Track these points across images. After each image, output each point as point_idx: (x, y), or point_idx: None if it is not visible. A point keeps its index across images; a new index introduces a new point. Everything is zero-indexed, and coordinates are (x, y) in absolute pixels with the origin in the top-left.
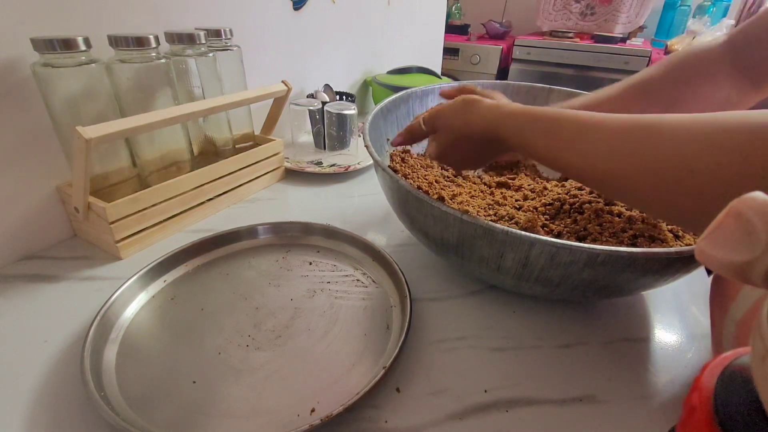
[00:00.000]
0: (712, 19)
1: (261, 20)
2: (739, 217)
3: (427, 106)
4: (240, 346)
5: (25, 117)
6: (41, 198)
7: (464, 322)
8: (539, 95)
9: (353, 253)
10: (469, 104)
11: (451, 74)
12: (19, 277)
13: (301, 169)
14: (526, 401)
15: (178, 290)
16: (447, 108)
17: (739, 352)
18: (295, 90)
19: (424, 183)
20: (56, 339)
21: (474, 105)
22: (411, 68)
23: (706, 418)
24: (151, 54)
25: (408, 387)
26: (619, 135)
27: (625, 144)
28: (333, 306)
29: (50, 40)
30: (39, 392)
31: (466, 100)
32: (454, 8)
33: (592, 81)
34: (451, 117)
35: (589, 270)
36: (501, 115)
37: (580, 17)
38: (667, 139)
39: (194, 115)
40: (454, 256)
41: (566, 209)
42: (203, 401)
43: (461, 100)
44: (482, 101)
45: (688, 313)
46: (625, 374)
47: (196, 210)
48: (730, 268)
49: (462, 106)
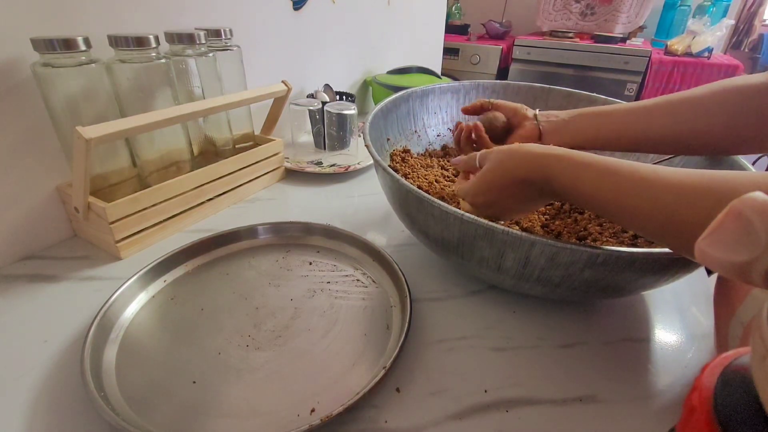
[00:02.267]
0: (712, 19)
1: (261, 20)
2: (739, 217)
3: (428, 106)
4: (240, 346)
5: (25, 117)
6: (41, 198)
7: (464, 322)
8: (539, 95)
9: (353, 253)
10: (522, 147)
11: (451, 74)
12: (19, 277)
13: (301, 169)
14: (526, 401)
15: (178, 290)
16: (500, 151)
17: (739, 352)
18: (295, 90)
19: (424, 183)
20: (56, 339)
21: (527, 148)
22: (411, 68)
23: (706, 418)
24: (151, 54)
25: (408, 387)
26: (668, 192)
27: (671, 203)
28: (333, 306)
29: (50, 40)
30: (39, 392)
31: (521, 144)
32: (454, 8)
33: (592, 81)
34: (502, 158)
35: (590, 270)
36: (556, 161)
37: (580, 17)
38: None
39: (194, 115)
40: (454, 256)
41: (566, 209)
42: (203, 401)
43: (516, 144)
44: (535, 147)
45: (688, 313)
46: (625, 374)
47: (196, 210)
48: (730, 268)
49: (516, 148)
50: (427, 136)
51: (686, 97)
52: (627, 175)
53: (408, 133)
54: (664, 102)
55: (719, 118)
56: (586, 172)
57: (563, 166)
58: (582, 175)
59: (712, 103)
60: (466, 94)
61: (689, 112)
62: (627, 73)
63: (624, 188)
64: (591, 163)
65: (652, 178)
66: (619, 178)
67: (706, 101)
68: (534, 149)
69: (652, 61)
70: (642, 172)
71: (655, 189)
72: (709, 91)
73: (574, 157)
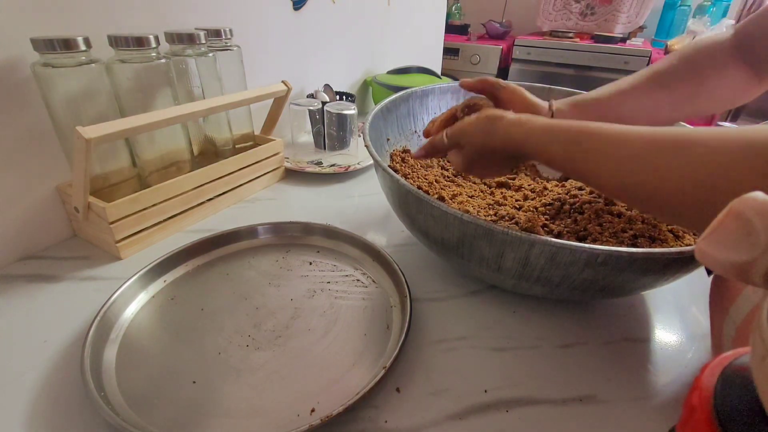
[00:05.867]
0: (712, 19)
1: (261, 20)
2: (739, 217)
3: (428, 106)
4: (240, 346)
5: (25, 117)
6: (41, 198)
7: (464, 322)
8: (539, 95)
9: (353, 253)
10: (492, 121)
11: (451, 74)
12: (19, 277)
13: (301, 169)
14: (526, 401)
15: (178, 290)
16: (471, 125)
17: (739, 352)
18: (295, 90)
19: (424, 183)
20: (56, 339)
21: (498, 122)
22: (411, 68)
23: (706, 418)
24: (151, 54)
25: (408, 387)
26: (644, 150)
27: (649, 160)
28: (333, 306)
29: (50, 40)
30: (39, 392)
31: (490, 117)
32: (454, 8)
33: (592, 81)
34: (476, 134)
35: (590, 270)
36: (524, 132)
37: (580, 17)
38: (692, 156)
39: (194, 115)
40: (454, 256)
41: (566, 209)
42: (203, 401)
43: (485, 117)
44: (505, 117)
45: (688, 313)
46: (625, 374)
47: (196, 210)
48: (730, 268)
49: (486, 123)
50: None
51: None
52: (594, 134)
53: (408, 133)
54: (648, 80)
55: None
56: (558, 139)
57: (536, 140)
58: (555, 143)
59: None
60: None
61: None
62: (627, 73)
63: (591, 149)
64: (562, 131)
65: (617, 135)
66: (585, 138)
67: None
68: (506, 125)
69: (652, 61)
70: (607, 131)
71: (620, 145)
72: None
73: (547, 128)
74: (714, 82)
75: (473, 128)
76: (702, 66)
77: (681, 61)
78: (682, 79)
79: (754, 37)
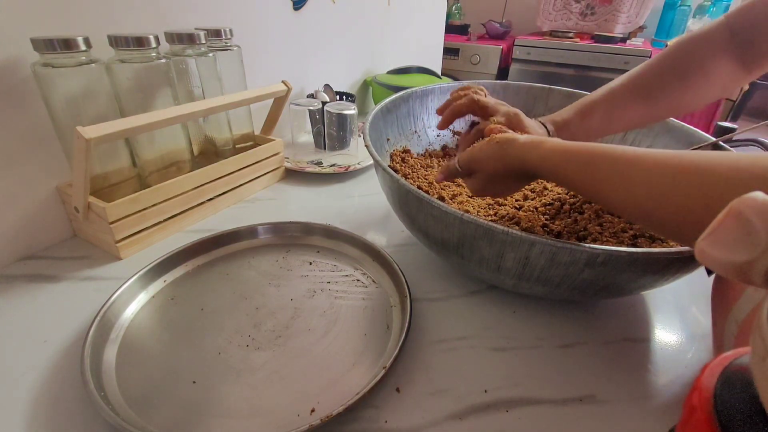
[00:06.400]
0: (712, 19)
1: (261, 20)
2: (739, 217)
3: (427, 106)
4: (240, 346)
5: (25, 117)
6: (41, 198)
7: (464, 322)
8: (539, 95)
9: (353, 253)
10: (503, 146)
11: (451, 74)
12: (19, 277)
13: (301, 169)
14: (526, 401)
15: (178, 290)
16: (482, 152)
17: (739, 352)
18: (295, 90)
19: (424, 183)
20: (56, 339)
21: (509, 146)
22: (411, 68)
23: (706, 418)
24: (151, 54)
25: (408, 387)
26: (655, 175)
27: (660, 187)
28: (333, 306)
29: (50, 40)
30: (39, 392)
31: (500, 142)
32: (454, 8)
33: (592, 81)
34: (487, 161)
35: (590, 270)
36: (539, 155)
37: (580, 17)
38: (702, 184)
39: (194, 115)
40: (454, 256)
41: (566, 209)
42: (203, 401)
43: (495, 143)
44: (517, 140)
45: (688, 313)
46: (625, 374)
47: (196, 210)
48: (730, 268)
49: (497, 149)
50: (427, 137)
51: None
52: (607, 157)
53: (408, 133)
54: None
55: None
56: (571, 163)
57: (549, 165)
58: (568, 166)
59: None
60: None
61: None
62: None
63: (604, 173)
64: (575, 154)
65: (629, 158)
66: (599, 162)
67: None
68: (518, 150)
69: None
70: (619, 155)
71: (633, 169)
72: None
73: (560, 151)
74: (700, 80)
75: (484, 155)
76: (684, 62)
77: (659, 61)
78: (652, 82)
79: (754, 27)
